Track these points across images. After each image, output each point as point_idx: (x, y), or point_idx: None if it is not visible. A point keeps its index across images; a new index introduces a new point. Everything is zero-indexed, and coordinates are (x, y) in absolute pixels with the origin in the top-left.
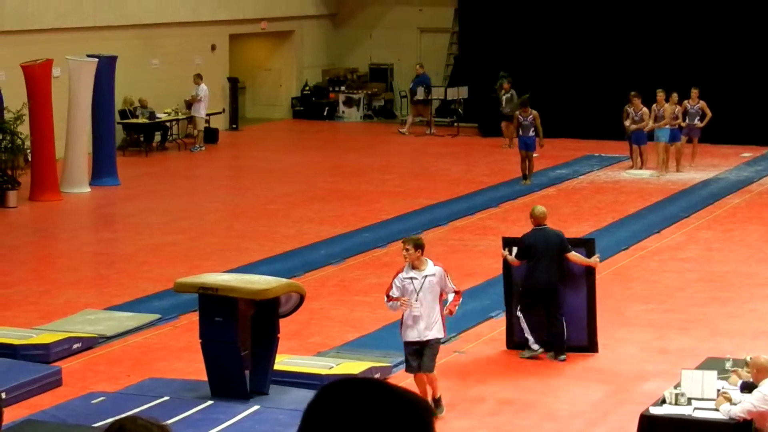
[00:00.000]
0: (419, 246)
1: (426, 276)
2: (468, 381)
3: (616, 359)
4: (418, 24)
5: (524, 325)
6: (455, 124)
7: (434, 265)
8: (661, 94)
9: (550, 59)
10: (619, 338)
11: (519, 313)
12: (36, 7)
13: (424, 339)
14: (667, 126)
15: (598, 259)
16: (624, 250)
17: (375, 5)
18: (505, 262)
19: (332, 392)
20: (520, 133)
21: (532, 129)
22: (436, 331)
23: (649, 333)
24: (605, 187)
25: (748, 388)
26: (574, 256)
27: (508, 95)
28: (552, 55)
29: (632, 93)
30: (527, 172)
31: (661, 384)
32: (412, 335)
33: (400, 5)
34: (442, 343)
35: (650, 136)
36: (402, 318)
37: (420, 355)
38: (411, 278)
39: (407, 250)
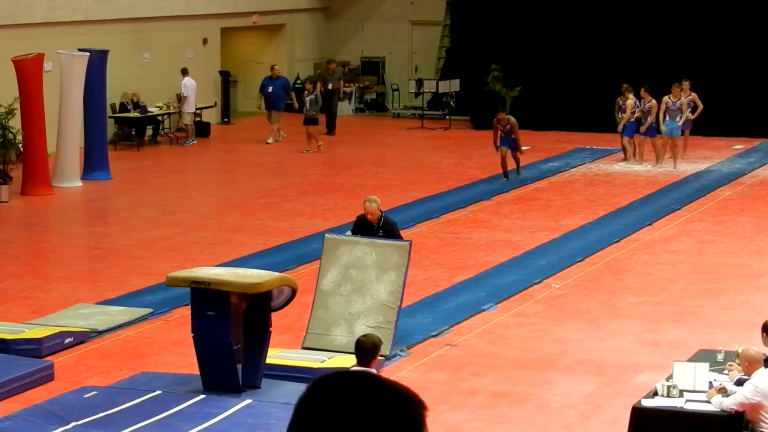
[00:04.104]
0: None
1: None
2: (461, 374)
3: (609, 351)
4: (410, 17)
5: None
6: (447, 117)
7: None
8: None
9: (542, 52)
10: (611, 330)
11: None
12: (27, 1)
13: None
14: (677, 120)
15: None
16: (616, 242)
17: None
18: None
19: (324, 385)
20: (502, 136)
21: (511, 133)
22: None
23: (642, 325)
24: (597, 179)
25: (742, 383)
26: None
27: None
28: (544, 47)
29: (624, 85)
30: (517, 167)
31: (654, 376)
32: None
33: None
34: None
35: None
36: None
37: None
38: None
39: None
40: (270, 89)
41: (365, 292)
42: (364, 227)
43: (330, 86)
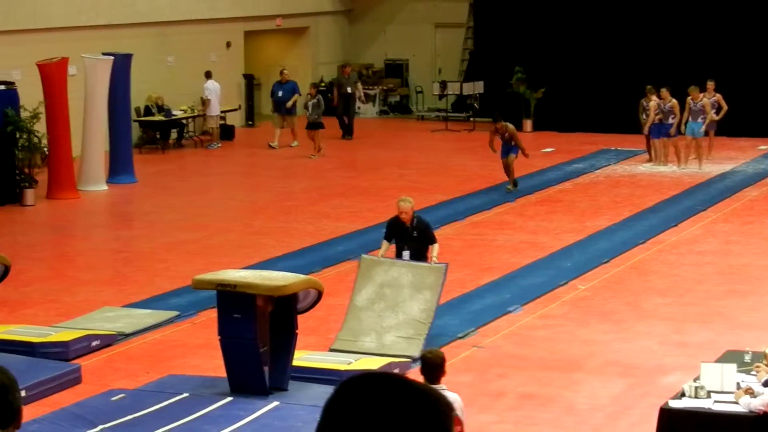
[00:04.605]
0: None
1: None
2: (488, 376)
3: (636, 353)
4: (433, 19)
5: None
6: (471, 119)
7: None
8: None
9: (566, 53)
10: (638, 332)
11: None
12: (51, 6)
13: None
14: (699, 120)
15: None
16: (642, 243)
17: (390, 1)
18: None
19: (351, 387)
20: (503, 144)
21: (512, 141)
22: None
23: (668, 326)
24: (622, 180)
25: None
26: None
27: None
28: (568, 49)
29: (648, 87)
30: (512, 179)
31: (681, 377)
32: None
33: (414, 0)
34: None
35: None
36: None
37: None
38: None
39: None
40: (279, 93)
41: (398, 309)
42: (398, 229)
43: (348, 90)
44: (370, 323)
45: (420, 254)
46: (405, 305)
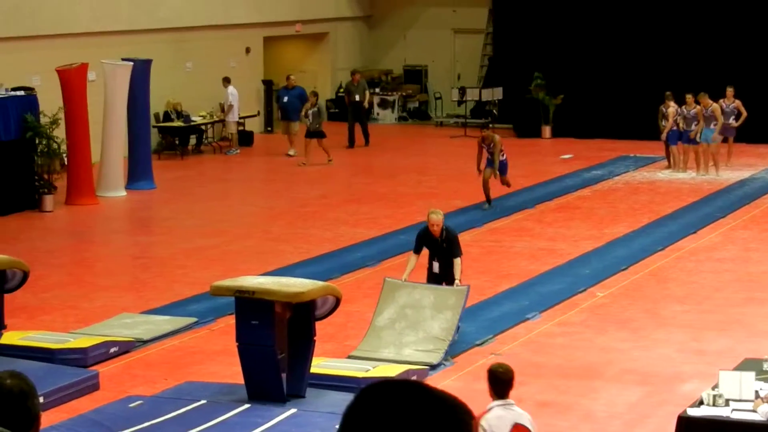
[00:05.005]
0: None
1: None
2: None
3: (654, 360)
4: (452, 25)
5: None
6: (490, 125)
7: None
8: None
9: (585, 59)
10: (656, 339)
11: None
12: (71, 11)
13: None
14: (712, 126)
15: None
16: (660, 250)
17: (409, 7)
18: None
19: (371, 395)
20: (488, 157)
21: (502, 153)
22: None
23: (687, 334)
24: (641, 187)
25: None
26: None
27: (315, 110)
28: (587, 55)
29: (667, 93)
30: (488, 198)
31: (699, 385)
32: None
33: (434, 6)
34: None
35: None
36: None
37: None
38: None
39: None
40: (285, 99)
41: (419, 327)
42: (428, 241)
43: (356, 98)
44: (389, 339)
45: (449, 266)
46: (425, 324)
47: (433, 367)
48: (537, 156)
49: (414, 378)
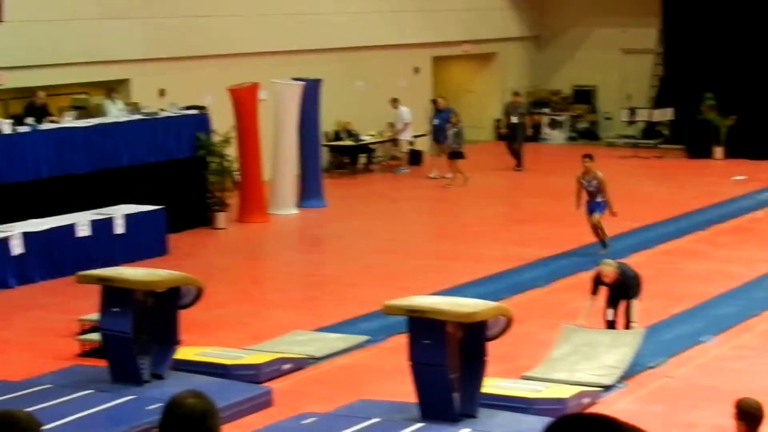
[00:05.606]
0: None
1: None
2: (679, 406)
3: None
4: (622, 45)
5: None
6: (660, 145)
7: None
8: None
9: (758, 79)
10: None
11: None
12: (242, 32)
13: None
14: None
15: None
16: None
17: (578, 27)
18: None
19: (562, 428)
20: (587, 197)
21: (598, 194)
22: None
23: None
24: None
25: None
26: None
27: (455, 130)
28: (759, 75)
29: None
30: (602, 237)
31: None
32: None
33: (603, 27)
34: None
35: None
36: None
37: None
38: None
39: None
40: (436, 122)
41: (593, 359)
42: (602, 286)
43: (513, 119)
44: (562, 366)
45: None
46: (600, 357)
47: (606, 389)
48: (709, 177)
49: (587, 400)
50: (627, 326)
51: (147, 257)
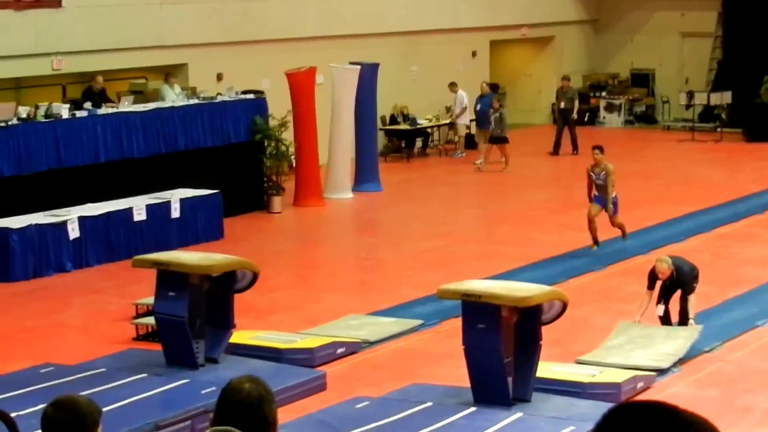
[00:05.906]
0: None
1: None
2: (734, 391)
3: None
4: (680, 29)
5: None
6: (718, 129)
7: None
8: None
9: None
10: None
11: None
12: (299, 17)
13: None
14: None
15: None
16: None
17: (636, 10)
18: None
19: (619, 416)
20: (594, 191)
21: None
22: None
23: None
24: None
25: None
26: None
27: (497, 115)
28: None
29: None
30: (623, 232)
31: None
32: None
33: (661, 10)
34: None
35: None
36: None
37: None
38: None
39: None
40: (478, 107)
41: (648, 348)
42: (657, 281)
43: (562, 105)
44: (618, 353)
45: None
46: (656, 346)
47: (661, 373)
48: (766, 161)
49: (641, 384)
50: (684, 323)
51: (203, 241)
